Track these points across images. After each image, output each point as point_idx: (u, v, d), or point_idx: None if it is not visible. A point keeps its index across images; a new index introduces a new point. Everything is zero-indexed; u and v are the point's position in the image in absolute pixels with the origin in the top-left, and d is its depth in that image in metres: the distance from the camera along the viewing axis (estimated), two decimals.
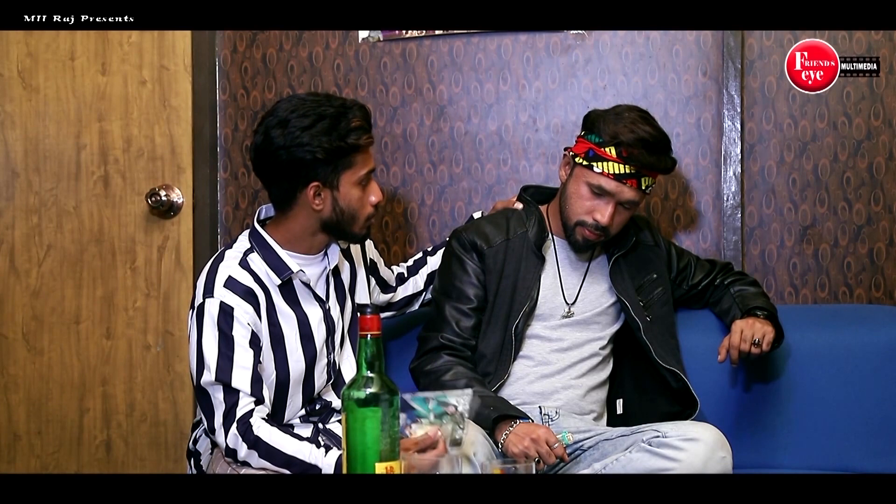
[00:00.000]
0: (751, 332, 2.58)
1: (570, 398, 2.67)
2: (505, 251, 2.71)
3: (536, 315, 2.70)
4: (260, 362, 2.42)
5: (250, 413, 2.36)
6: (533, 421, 2.51)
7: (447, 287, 2.72)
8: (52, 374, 3.27)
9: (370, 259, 2.74)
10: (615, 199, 2.61)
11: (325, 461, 2.31)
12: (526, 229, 2.73)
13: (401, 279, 2.84)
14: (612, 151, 2.59)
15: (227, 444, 2.36)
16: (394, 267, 2.86)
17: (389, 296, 2.81)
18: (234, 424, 2.35)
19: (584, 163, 2.62)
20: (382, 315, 2.78)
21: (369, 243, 2.75)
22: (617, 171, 2.59)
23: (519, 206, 2.80)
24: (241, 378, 2.37)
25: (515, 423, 2.46)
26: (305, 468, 2.32)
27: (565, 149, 2.72)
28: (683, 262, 2.84)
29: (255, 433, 2.34)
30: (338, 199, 2.45)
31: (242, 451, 2.34)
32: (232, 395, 2.36)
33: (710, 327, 2.80)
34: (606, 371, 2.75)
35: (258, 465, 2.35)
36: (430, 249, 2.91)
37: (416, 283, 2.86)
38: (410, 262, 2.89)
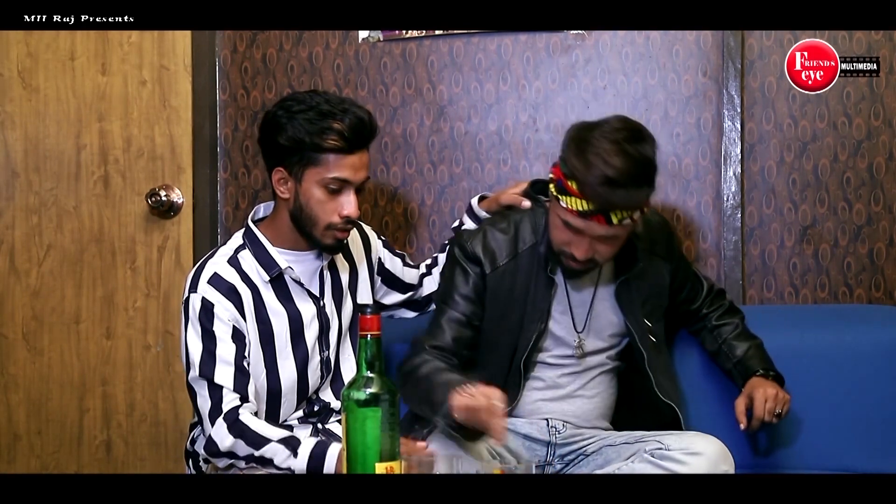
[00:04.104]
0: (773, 403, 2.54)
1: (579, 413, 2.61)
2: (514, 272, 2.55)
3: (545, 347, 2.58)
4: (245, 357, 2.45)
5: (238, 408, 2.40)
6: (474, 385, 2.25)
7: (444, 293, 2.60)
8: (52, 374, 3.27)
9: (378, 258, 2.72)
10: (587, 235, 2.40)
11: (299, 458, 2.35)
12: (536, 241, 2.55)
13: (422, 279, 2.80)
14: (574, 186, 2.35)
15: (210, 436, 2.40)
16: (415, 267, 2.81)
17: (408, 295, 2.77)
18: (221, 416, 2.39)
19: (554, 193, 2.42)
20: (408, 315, 2.80)
21: (378, 243, 2.73)
22: (580, 209, 2.35)
23: (527, 204, 2.65)
24: (223, 374, 2.41)
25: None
26: (280, 459, 2.37)
27: (552, 166, 2.52)
28: (686, 286, 2.73)
29: (242, 420, 2.38)
30: (299, 194, 2.45)
31: (227, 441, 2.38)
32: (216, 390, 2.41)
33: None
34: (615, 384, 2.67)
35: (244, 453, 2.38)
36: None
37: (432, 284, 2.79)
38: (429, 261, 2.84)
